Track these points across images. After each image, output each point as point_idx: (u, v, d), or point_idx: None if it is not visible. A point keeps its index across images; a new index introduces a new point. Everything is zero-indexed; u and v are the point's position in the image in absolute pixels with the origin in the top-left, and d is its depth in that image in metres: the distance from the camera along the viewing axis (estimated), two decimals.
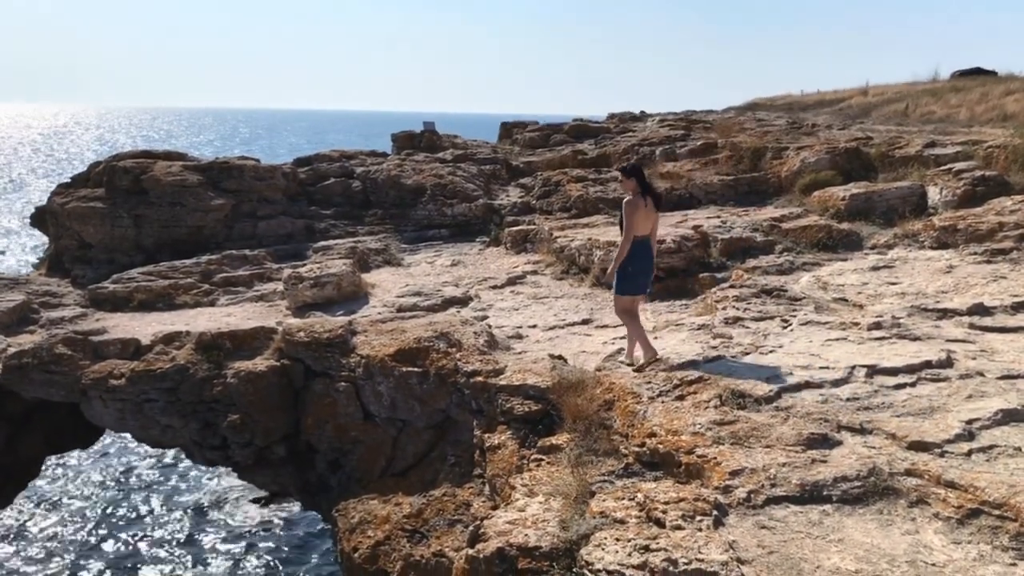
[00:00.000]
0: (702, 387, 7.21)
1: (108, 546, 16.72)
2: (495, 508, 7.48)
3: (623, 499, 5.77)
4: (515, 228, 16.61)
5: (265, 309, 13.51)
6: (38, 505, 18.27)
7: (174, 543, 16.88)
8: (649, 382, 7.54)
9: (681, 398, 7.11)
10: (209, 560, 16.27)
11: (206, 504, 18.59)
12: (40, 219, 19.43)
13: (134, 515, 18.07)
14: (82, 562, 16.00)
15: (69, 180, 19.64)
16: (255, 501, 18.48)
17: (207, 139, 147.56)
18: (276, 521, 17.80)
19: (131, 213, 17.38)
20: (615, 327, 10.64)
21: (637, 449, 6.47)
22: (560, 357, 9.16)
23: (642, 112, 33.51)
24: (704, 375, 7.44)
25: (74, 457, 20.24)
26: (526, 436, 7.84)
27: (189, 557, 16.35)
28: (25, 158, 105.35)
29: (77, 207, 17.53)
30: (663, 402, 7.10)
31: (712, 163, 18.33)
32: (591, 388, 7.77)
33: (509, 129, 28.71)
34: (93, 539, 16.95)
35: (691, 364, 7.89)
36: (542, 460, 7.16)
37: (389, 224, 18.52)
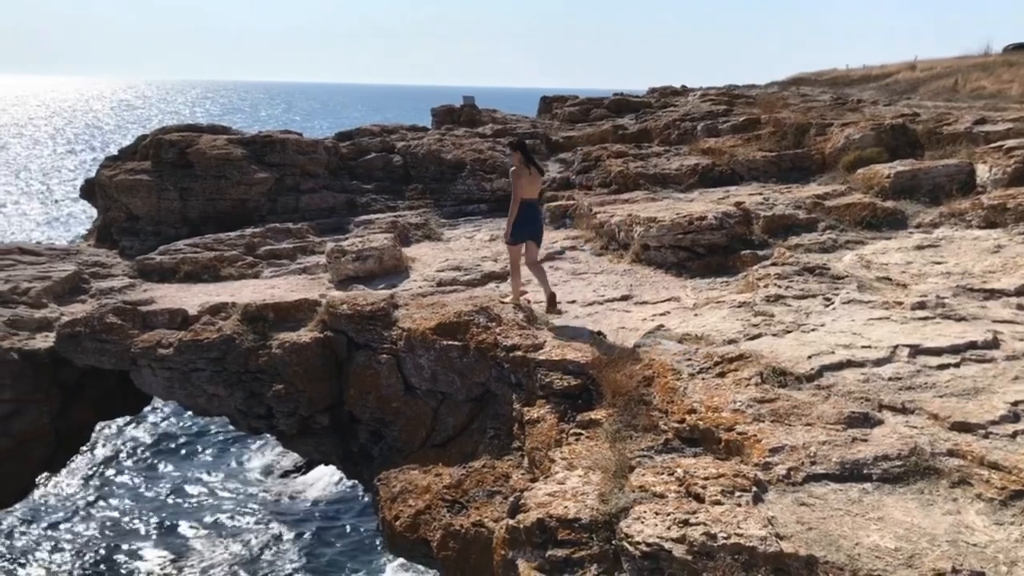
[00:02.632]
0: (743, 365, 7.22)
1: (151, 512, 17.23)
2: (534, 480, 7.59)
3: (662, 474, 5.84)
4: (554, 203, 16.60)
5: (308, 282, 13.72)
6: (87, 469, 18.85)
7: (213, 510, 17.33)
8: (689, 359, 7.57)
9: (722, 375, 7.13)
10: (249, 527, 16.69)
11: (248, 473, 19.03)
12: (89, 191, 19.85)
13: (174, 481, 18.57)
14: (124, 525, 16.53)
15: (117, 153, 20.01)
16: (290, 472, 18.87)
17: (271, 113, 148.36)
18: (316, 490, 18.18)
19: (177, 186, 17.70)
20: (655, 303, 10.66)
21: (677, 425, 6.52)
22: (599, 333, 9.22)
23: (683, 86, 33.13)
24: (745, 352, 7.45)
25: (118, 424, 20.81)
26: (565, 410, 7.92)
27: (229, 524, 16.79)
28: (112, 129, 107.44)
29: (125, 180, 17.88)
30: (703, 379, 7.13)
31: (755, 139, 18.13)
32: (630, 364, 7.82)
33: (549, 103, 28.60)
34: (133, 504, 17.48)
35: (731, 342, 7.91)
36: (581, 434, 7.24)
37: (429, 199, 18.62)
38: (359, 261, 13.31)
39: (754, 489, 5.40)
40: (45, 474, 14.42)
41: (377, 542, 15.91)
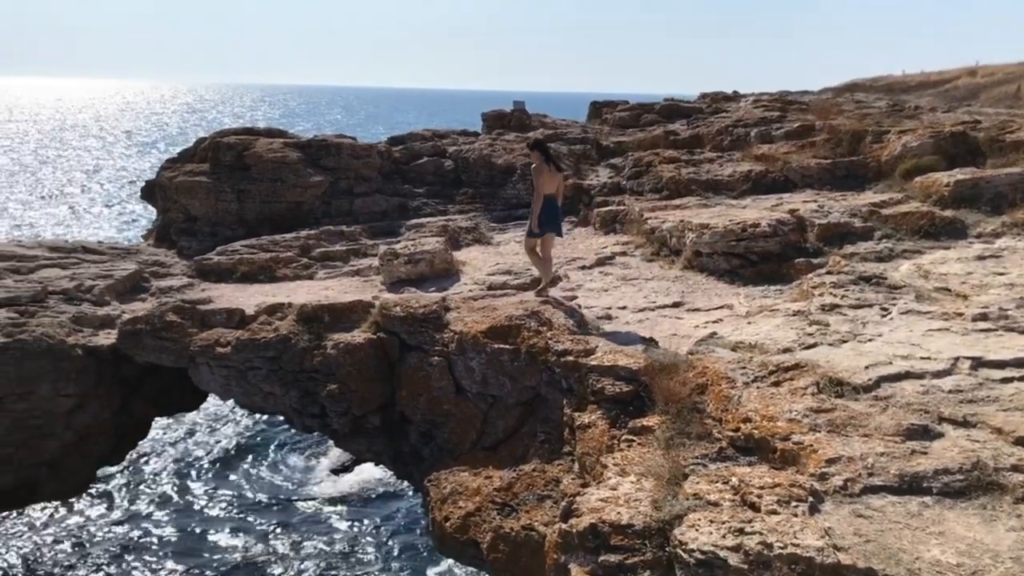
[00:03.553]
0: (798, 374, 7.16)
1: (200, 504, 17.60)
2: (585, 486, 7.61)
3: (717, 482, 5.83)
4: (604, 208, 16.61)
5: (361, 283, 13.93)
6: (144, 463, 19.34)
7: (264, 507, 17.64)
8: (744, 367, 7.53)
9: (777, 384, 7.08)
10: (297, 524, 16.95)
11: (299, 471, 19.33)
12: (149, 192, 20.37)
13: (224, 476, 18.94)
14: (175, 517, 16.91)
15: (176, 155, 20.51)
16: (337, 471, 19.11)
17: (328, 119, 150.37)
18: (365, 488, 18.40)
19: (234, 188, 18.09)
20: (707, 311, 10.61)
21: (731, 434, 6.49)
22: (651, 340, 9.21)
23: (735, 92, 32.84)
24: (800, 362, 7.39)
25: (175, 420, 21.29)
26: (617, 416, 7.93)
27: (276, 520, 17.08)
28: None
29: (184, 181, 18.33)
30: (758, 388, 7.09)
31: (809, 146, 17.90)
32: (683, 371, 7.80)
33: (599, 108, 28.58)
34: (185, 496, 17.87)
35: (786, 350, 7.85)
36: (633, 441, 7.25)
37: (479, 203, 18.76)
38: (411, 264, 13.47)
39: (810, 499, 5.36)
40: (105, 467, 14.82)
41: (425, 542, 16.04)
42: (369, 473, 18.79)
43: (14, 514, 16.37)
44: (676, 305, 11.03)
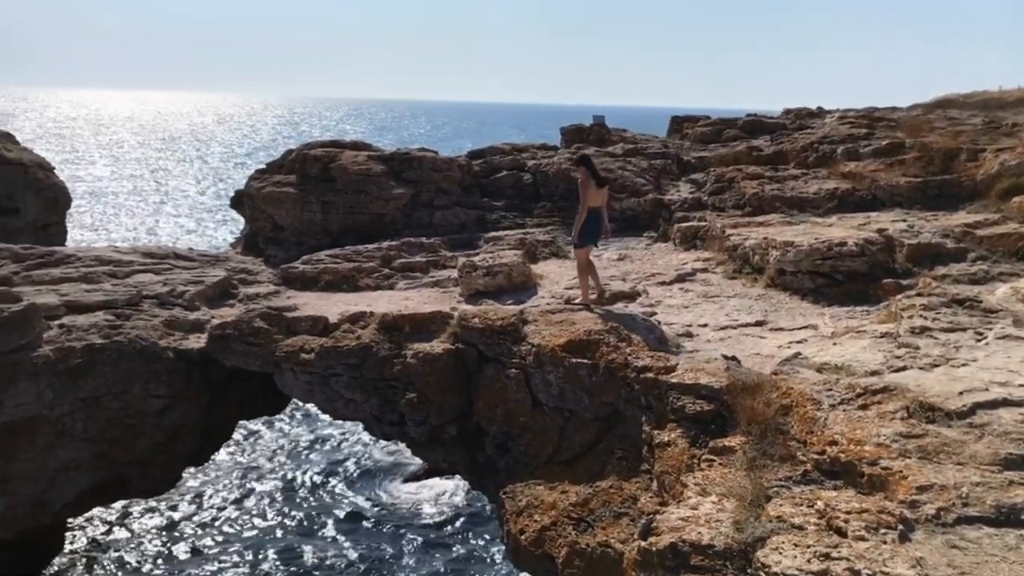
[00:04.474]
0: (887, 397, 6.96)
1: (277, 506, 18.01)
2: (663, 504, 7.55)
3: (801, 505, 5.71)
4: (685, 224, 16.46)
5: (440, 295, 14.10)
6: (227, 464, 19.92)
7: (335, 511, 17.94)
8: (830, 389, 7.35)
9: (864, 407, 6.90)
10: (370, 531, 17.19)
11: (376, 478, 19.62)
12: (238, 202, 21.06)
13: (302, 480, 19.34)
14: (253, 518, 17.34)
15: (265, 166, 21.16)
16: (410, 479, 19.30)
17: (414, 133, 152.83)
18: (439, 497, 18.55)
19: (319, 199, 18.56)
20: (791, 330, 10.42)
21: (816, 456, 6.35)
22: (733, 358, 9.08)
23: (819, 108, 32.10)
24: (889, 385, 7.18)
25: (259, 423, 21.88)
26: (697, 435, 7.84)
27: (350, 527, 17.35)
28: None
29: (272, 192, 18.89)
30: (845, 410, 6.91)
31: (898, 164, 17.40)
32: (767, 391, 7.66)
33: (680, 124, 28.32)
34: (262, 499, 18.31)
35: (874, 373, 7.64)
36: (714, 460, 7.15)
37: (557, 216, 18.80)
38: (489, 276, 13.58)
39: (900, 527, 5.21)
40: (191, 467, 15.31)
41: (497, 554, 16.08)
42: (443, 483, 18.95)
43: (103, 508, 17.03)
44: (759, 324, 10.86)
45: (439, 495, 18.67)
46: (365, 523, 17.52)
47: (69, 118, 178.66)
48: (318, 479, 19.51)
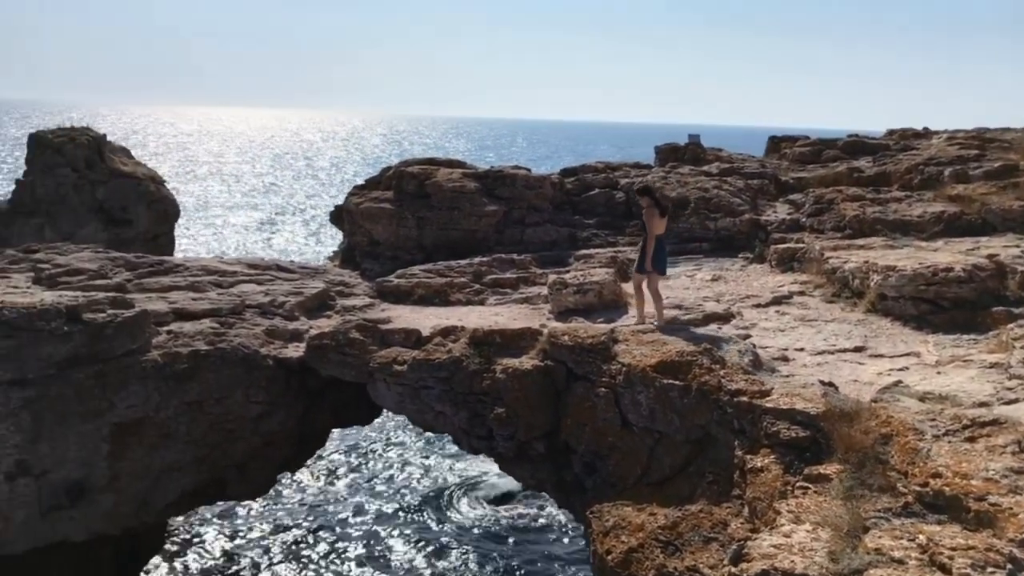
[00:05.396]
0: (997, 430, 6.66)
1: (363, 517, 18.34)
2: (755, 531, 7.39)
3: (902, 538, 5.52)
4: (782, 245, 16.13)
5: (529, 311, 14.18)
6: (320, 471, 20.44)
7: (422, 524, 18.14)
8: (934, 419, 7.08)
9: (972, 440, 6.61)
10: (456, 545, 17.31)
11: (462, 492, 19.78)
12: (337, 216, 21.68)
13: (390, 490, 19.64)
14: (341, 525, 17.70)
15: (363, 182, 21.74)
16: (497, 500, 19.33)
17: (510, 152, 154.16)
18: (525, 514, 18.55)
19: (415, 215, 18.95)
20: (892, 357, 10.09)
21: (918, 489, 6.12)
22: (831, 384, 8.83)
23: (925, 129, 31.00)
24: (999, 417, 6.86)
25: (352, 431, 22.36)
26: (791, 462, 7.65)
27: (436, 540, 17.51)
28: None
29: (370, 207, 19.39)
30: (950, 442, 6.64)
31: (1011, 187, 16.64)
32: (866, 419, 7.43)
33: (777, 143, 27.80)
34: (351, 507, 18.68)
35: (982, 405, 7.32)
36: (808, 488, 6.97)
37: None
38: (579, 294, 13.59)
39: (1009, 566, 4.98)
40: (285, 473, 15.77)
41: (581, 573, 15.98)
42: (531, 499, 18.94)
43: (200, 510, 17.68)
44: (858, 350, 10.55)
45: (527, 510, 18.67)
46: (451, 535, 17.66)
47: (184, 134, 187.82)
48: (406, 488, 19.79)
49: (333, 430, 15.94)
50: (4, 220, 25.60)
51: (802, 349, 10.73)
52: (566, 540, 17.55)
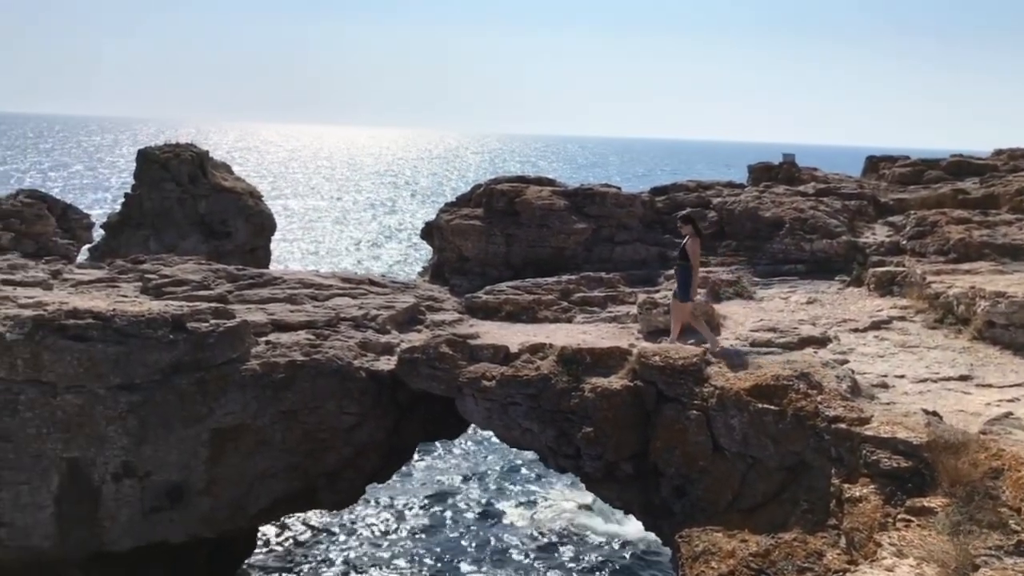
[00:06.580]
0: None
1: (451, 531, 18.46)
2: (852, 562, 7.17)
3: None
4: (881, 269, 15.62)
5: (617, 330, 14.09)
6: (408, 482, 20.72)
7: (506, 542, 18.14)
8: None
9: None
10: (541, 566, 17.26)
11: (546, 510, 19.74)
12: (428, 232, 22.04)
13: (476, 505, 19.73)
14: (432, 537, 17.86)
15: (454, 200, 22.05)
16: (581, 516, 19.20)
17: (607, 172, 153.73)
18: (610, 536, 18.38)
19: (503, 232, 19.11)
20: (1001, 388, 9.66)
21: None
22: (934, 413, 8.49)
23: None
24: None
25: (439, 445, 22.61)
26: (892, 492, 7.41)
27: (519, 559, 17.49)
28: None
29: (460, 224, 19.65)
30: None
31: None
32: (974, 452, 7.13)
33: (875, 163, 26.91)
34: (438, 521, 18.83)
35: None
36: (911, 521, 6.73)
37: (742, 256, 18.35)
38: (670, 314, 13.42)
39: None
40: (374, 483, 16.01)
41: None
42: (616, 520, 18.75)
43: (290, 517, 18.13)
44: (963, 379, 10.13)
45: (609, 534, 18.49)
46: (537, 553, 17.62)
47: (287, 150, 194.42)
48: (492, 503, 19.85)
49: (422, 442, 16.12)
50: (113, 231, 26.91)
51: (903, 376, 10.37)
52: (652, 563, 17.31)
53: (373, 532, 18.34)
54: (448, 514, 19.30)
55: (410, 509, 19.48)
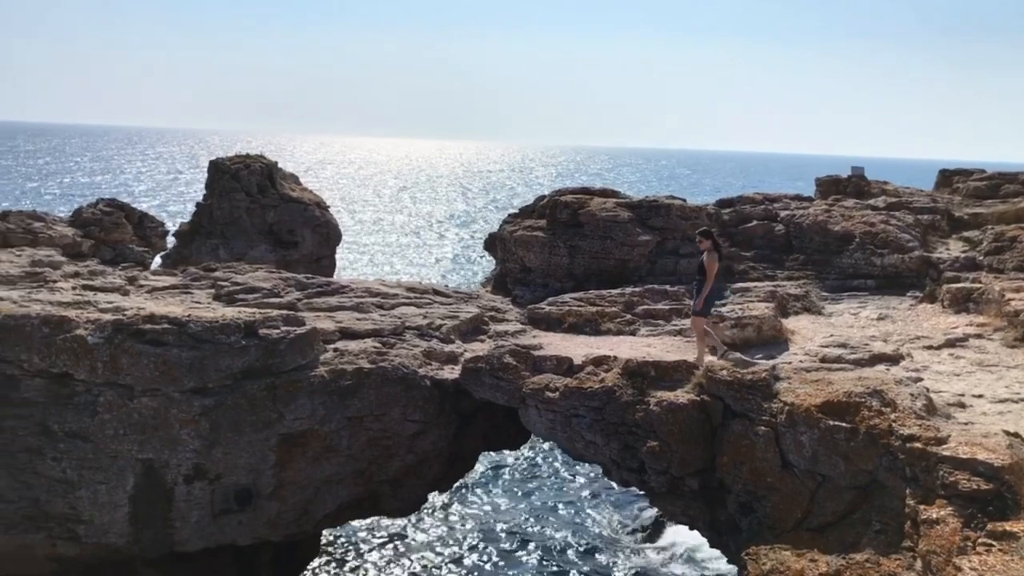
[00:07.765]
0: None
1: (509, 541, 18.44)
2: None
3: None
4: (956, 285, 15.20)
5: (682, 343, 13.98)
6: (468, 492, 20.81)
7: (566, 554, 18.07)
8: None
9: None
10: None
11: (609, 524, 19.61)
12: (491, 243, 22.19)
13: (536, 516, 19.69)
14: (491, 547, 17.87)
15: (517, 211, 22.16)
16: (648, 529, 19.00)
17: (680, 184, 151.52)
18: (674, 552, 18.17)
19: (567, 243, 19.14)
20: None
21: None
22: (1016, 435, 8.22)
23: None
24: None
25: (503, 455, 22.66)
26: (972, 515, 7.19)
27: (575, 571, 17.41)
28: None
29: (523, 235, 19.74)
30: None
31: None
32: None
33: (949, 177, 26.23)
34: (499, 529, 18.83)
35: None
36: (992, 546, 6.54)
37: (810, 270, 18.06)
38: (737, 328, 13.30)
39: None
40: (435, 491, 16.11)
41: None
42: (682, 535, 18.51)
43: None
44: None
45: (676, 547, 18.28)
46: (595, 567, 17.52)
47: (348, 161, 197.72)
48: (554, 515, 19.81)
49: (483, 452, 16.18)
50: (184, 240, 27.70)
51: (981, 396, 10.07)
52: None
53: (432, 539, 18.45)
54: (502, 526, 19.30)
55: (469, 519, 19.55)
